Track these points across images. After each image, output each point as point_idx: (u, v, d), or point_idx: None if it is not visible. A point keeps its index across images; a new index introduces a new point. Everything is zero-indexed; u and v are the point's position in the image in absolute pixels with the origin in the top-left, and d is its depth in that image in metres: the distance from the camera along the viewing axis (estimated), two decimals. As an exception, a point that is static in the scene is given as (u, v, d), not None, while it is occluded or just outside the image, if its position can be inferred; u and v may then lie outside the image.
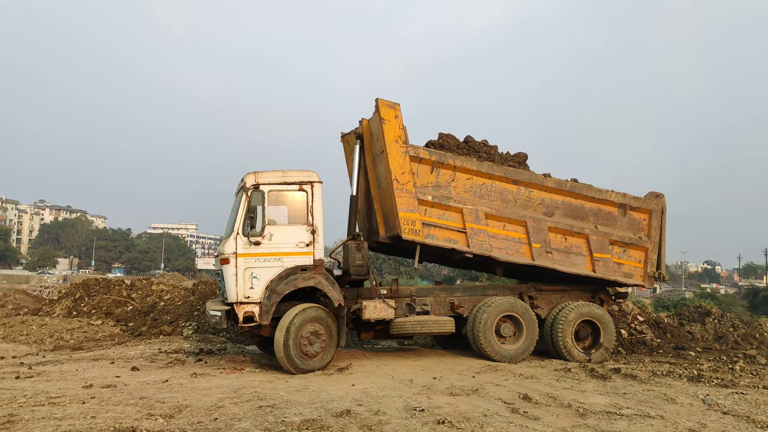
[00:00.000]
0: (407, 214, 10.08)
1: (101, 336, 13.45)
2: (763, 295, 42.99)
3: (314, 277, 9.46)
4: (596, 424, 6.16)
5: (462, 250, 10.50)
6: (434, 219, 10.43)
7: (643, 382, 8.58)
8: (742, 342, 13.65)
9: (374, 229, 11.14)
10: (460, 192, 10.67)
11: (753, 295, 44.63)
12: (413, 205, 10.15)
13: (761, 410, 6.94)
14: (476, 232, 10.55)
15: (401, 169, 10.17)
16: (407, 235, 10.06)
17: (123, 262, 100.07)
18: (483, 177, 10.80)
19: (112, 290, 16.32)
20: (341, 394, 7.34)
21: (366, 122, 11.06)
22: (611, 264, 11.38)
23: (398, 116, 10.33)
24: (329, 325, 9.46)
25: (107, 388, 7.66)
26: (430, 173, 10.51)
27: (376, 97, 10.33)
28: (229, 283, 9.12)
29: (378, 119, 10.28)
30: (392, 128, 10.24)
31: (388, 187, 10.22)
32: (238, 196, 9.88)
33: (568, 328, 10.77)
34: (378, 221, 10.91)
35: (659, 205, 11.74)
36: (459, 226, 10.55)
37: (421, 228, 10.19)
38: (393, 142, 10.19)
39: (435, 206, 10.43)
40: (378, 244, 11.42)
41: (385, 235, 10.74)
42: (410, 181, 10.20)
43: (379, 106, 10.30)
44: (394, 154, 10.17)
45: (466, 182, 10.71)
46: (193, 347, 11.70)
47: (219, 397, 7.12)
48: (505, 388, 7.96)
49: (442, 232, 10.47)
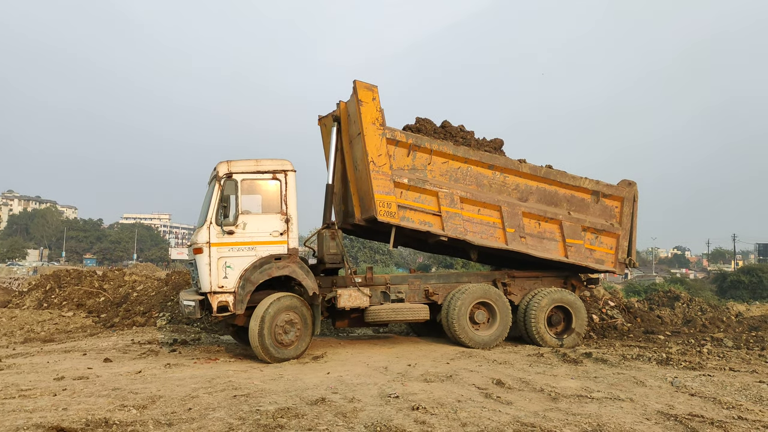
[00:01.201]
0: (383, 196, 10.10)
1: (73, 328, 13.27)
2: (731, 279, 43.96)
3: (288, 265, 9.44)
4: (567, 407, 6.27)
5: (437, 233, 10.56)
6: (410, 202, 10.47)
7: (613, 366, 8.74)
8: (709, 325, 13.96)
9: (350, 212, 11.15)
10: (436, 175, 10.72)
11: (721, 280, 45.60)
12: (389, 188, 10.18)
13: (727, 392, 7.12)
14: (451, 215, 10.62)
15: (378, 151, 10.18)
16: (382, 217, 10.09)
17: (95, 253, 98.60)
18: (459, 161, 10.86)
19: (84, 281, 16.07)
20: (316, 383, 7.36)
21: (343, 105, 11.04)
22: (583, 250, 11.54)
23: (376, 98, 10.33)
24: (304, 313, 9.45)
25: (79, 380, 7.58)
26: (406, 156, 10.54)
27: (354, 79, 10.32)
28: (203, 272, 9.06)
29: (356, 101, 10.27)
30: (370, 110, 10.24)
31: (364, 169, 10.23)
32: (211, 185, 9.79)
33: (540, 314, 10.92)
34: (354, 204, 10.91)
35: (631, 192, 11.91)
36: (434, 209, 10.60)
37: (396, 210, 10.21)
38: (370, 124, 10.20)
39: (411, 189, 10.47)
40: (353, 226, 11.45)
41: (361, 217, 10.76)
42: (387, 163, 10.21)
43: (356, 87, 10.28)
44: (371, 136, 10.17)
45: (442, 166, 10.76)
46: (167, 338, 11.61)
47: (193, 387, 7.09)
48: (479, 373, 8.05)
49: (417, 215, 10.52)
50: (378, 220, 10.09)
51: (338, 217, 11.74)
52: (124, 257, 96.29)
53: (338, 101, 11.12)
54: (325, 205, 10.80)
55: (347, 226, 11.57)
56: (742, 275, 43.13)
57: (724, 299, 28.51)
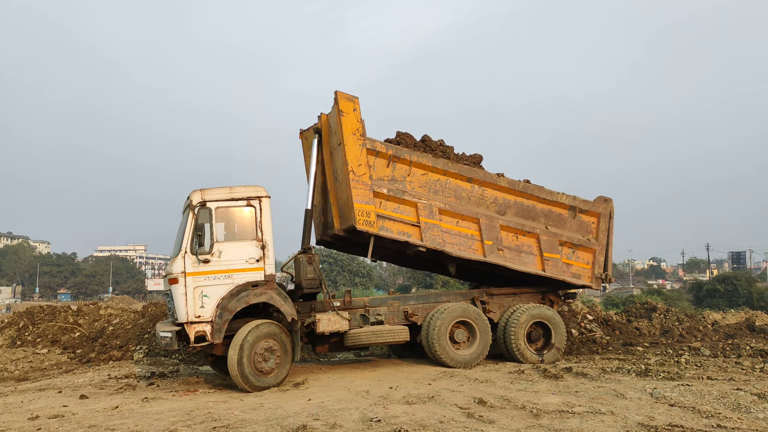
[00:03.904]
0: (362, 206, 10.14)
1: (48, 365, 12.99)
2: (706, 288, 44.61)
3: (266, 292, 9.37)
4: (549, 423, 6.28)
5: (415, 243, 10.59)
6: (389, 212, 10.51)
7: (593, 380, 8.78)
8: (687, 335, 14.12)
9: (329, 223, 11.17)
10: (415, 187, 10.79)
11: (697, 289, 46.26)
12: (368, 197, 10.22)
13: (706, 400, 7.20)
14: (430, 226, 10.68)
15: (358, 161, 10.23)
16: (361, 226, 10.10)
17: (69, 288, 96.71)
18: (438, 173, 10.96)
19: (58, 317, 15.77)
20: (297, 410, 7.28)
21: (325, 117, 11.13)
22: (560, 264, 11.63)
23: (357, 109, 10.44)
24: (283, 340, 9.37)
25: (54, 419, 7.41)
26: (386, 167, 10.61)
27: (335, 90, 10.42)
28: (179, 302, 8.96)
29: (337, 111, 10.36)
30: (350, 120, 10.33)
31: (344, 178, 10.28)
32: (185, 214, 9.73)
33: (520, 331, 10.96)
34: (333, 214, 10.93)
35: (607, 209, 12.07)
36: (413, 220, 10.65)
37: (375, 220, 10.25)
38: (351, 134, 10.28)
39: (390, 199, 10.52)
40: (333, 238, 11.46)
41: (340, 227, 10.77)
42: (366, 173, 10.27)
43: (338, 98, 10.38)
44: (351, 146, 10.24)
45: (422, 177, 10.85)
46: (145, 371, 11.41)
47: (171, 420, 6.97)
48: (461, 393, 8.03)
49: (396, 225, 10.56)
50: (357, 229, 10.11)
51: (318, 229, 11.76)
52: (100, 291, 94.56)
53: (319, 113, 11.23)
54: (304, 230, 10.78)
55: (327, 238, 11.60)
56: (717, 284, 43.83)
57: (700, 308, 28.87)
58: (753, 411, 6.65)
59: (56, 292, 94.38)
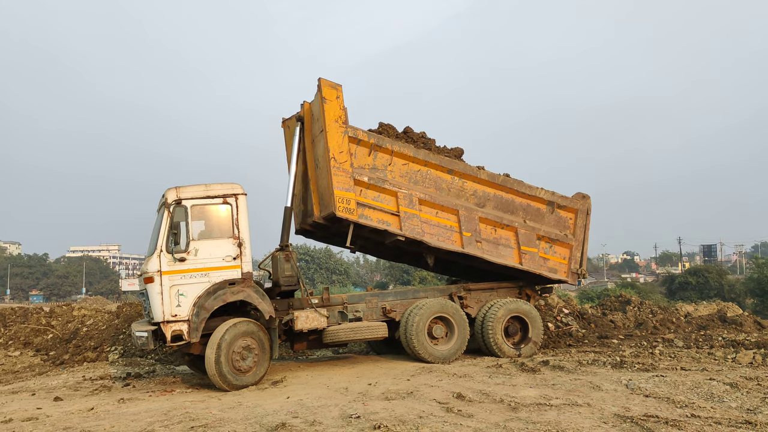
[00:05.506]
0: (343, 193, 10.14)
1: (20, 367, 12.76)
2: (678, 281, 45.40)
3: (243, 290, 9.31)
4: (527, 416, 6.33)
5: (394, 232, 10.62)
6: (369, 200, 10.53)
7: (570, 372, 8.88)
8: (660, 327, 14.34)
9: (309, 211, 11.14)
10: (396, 176, 10.82)
11: (670, 282, 47.10)
12: (349, 185, 10.22)
13: (680, 391, 7.33)
14: (409, 216, 10.72)
15: (339, 148, 10.23)
16: (341, 213, 10.10)
17: (41, 289, 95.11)
18: (419, 164, 11.00)
19: (30, 319, 15.49)
20: (276, 408, 7.25)
21: (307, 105, 11.10)
22: (538, 258, 11.74)
23: (339, 97, 10.44)
24: (261, 338, 9.32)
25: (28, 421, 7.28)
26: (367, 155, 10.62)
27: (319, 77, 10.41)
28: (155, 302, 8.86)
29: (320, 98, 10.35)
30: (333, 108, 10.33)
31: (325, 165, 10.27)
32: (159, 212, 9.61)
33: (497, 325, 11.03)
34: (313, 202, 10.90)
35: (585, 205, 12.21)
36: (393, 209, 10.68)
37: (355, 207, 10.25)
38: (333, 121, 10.27)
39: (371, 188, 10.54)
40: (312, 226, 11.43)
41: (320, 215, 10.74)
42: (348, 160, 10.27)
43: (321, 85, 10.37)
44: (333, 133, 10.23)
45: (403, 167, 10.88)
46: (120, 372, 11.27)
47: (148, 421, 6.90)
48: (440, 388, 8.06)
49: (376, 213, 10.58)
50: (337, 216, 10.11)
51: (297, 218, 11.71)
52: (73, 292, 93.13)
53: (302, 102, 11.20)
54: (283, 228, 10.71)
55: (306, 226, 11.57)
56: (689, 276, 44.66)
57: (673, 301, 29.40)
58: (726, 400, 6.79)
59: (28, 293, 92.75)
